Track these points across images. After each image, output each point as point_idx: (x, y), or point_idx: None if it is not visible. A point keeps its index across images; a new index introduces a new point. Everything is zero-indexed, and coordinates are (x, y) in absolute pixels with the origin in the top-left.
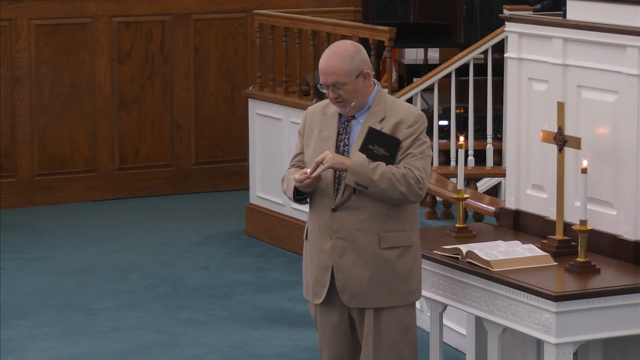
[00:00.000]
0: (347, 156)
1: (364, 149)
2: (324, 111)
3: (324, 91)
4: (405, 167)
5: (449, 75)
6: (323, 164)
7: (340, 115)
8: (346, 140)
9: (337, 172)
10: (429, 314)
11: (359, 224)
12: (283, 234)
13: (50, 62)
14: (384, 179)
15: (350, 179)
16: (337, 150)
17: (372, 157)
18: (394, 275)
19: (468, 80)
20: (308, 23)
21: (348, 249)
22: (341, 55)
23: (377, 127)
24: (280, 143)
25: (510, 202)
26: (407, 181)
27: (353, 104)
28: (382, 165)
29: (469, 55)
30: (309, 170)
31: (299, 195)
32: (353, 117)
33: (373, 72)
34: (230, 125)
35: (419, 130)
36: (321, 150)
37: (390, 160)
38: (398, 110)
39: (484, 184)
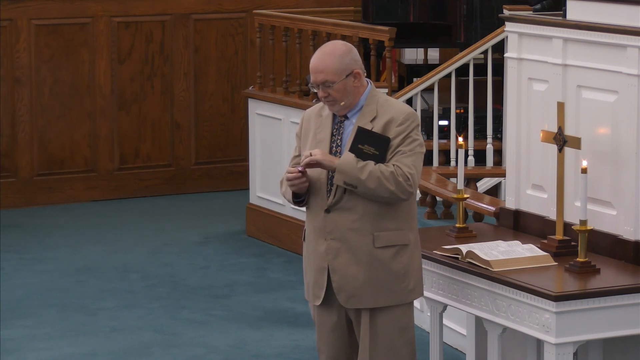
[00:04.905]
0: (339, 157)
1: (353, 148)
2: (319, 113)
3: (315, 90)
4: (394, 165)
5: (449, 75)
6: (312, 156)
7: (334, 116)
8: (339, 141)
9: (330, 172)
10: (429, 314)
11: (351, 224)
12: (283, 234)
13: (50, 62)
14: (372, 178)
15: (338, 178)
16: (330, 151)
17: (362, 156)
18: (389, 275)
19: (468, 80)
20: (308, 23)
21: (342, 250)
22: (331, 54)
23: (368, 126)
24: (280, 143)
25: (510, 202)
26: (395, 179)
27: (342, 103)
28: (370, 164)
29: (469, 55)
30: (295, 169)
31: (297, 198)
32: (346, 117)
33: (365, 72)
34: (230, 125)
35: (409, 129)
36: None
37: (381, 159)
38: (389, 109)
39: (484, 184)
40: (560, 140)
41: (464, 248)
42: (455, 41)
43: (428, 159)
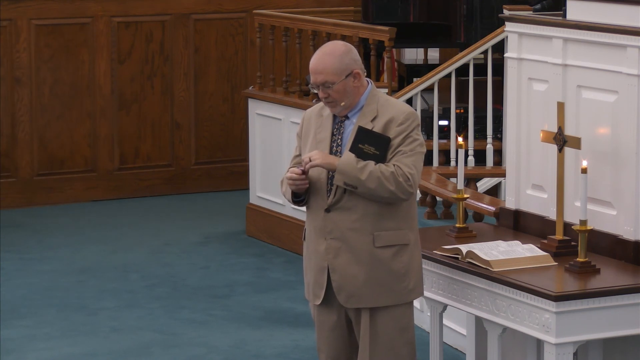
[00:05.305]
0: (339, 157)
1: (354, 148)
2: (320, 113)
3: (315, 91)
4: (394, 165)
5: (449, 75)
6: (311, 161)
7: (334, 116)
8: (339, 140)
9: (330, 172)
10: (429, 314)
11: (351, 223)
12: (283, 234)
13: (50, 62)
14: (372, 178)
15: (338, 179)
16: (330, 151)
17: (363, 156)
18: (389, 275)
19: (468, 80)
20: (308, 23)
21: (343, 250)
22: (331, 55)
23: (369, 126)
24: (280, 143)
25: (510, 202)
26: (395, 179)
27: (343, 103)
28: (370, 164)
29: (469, 55)
30: (297, 169)
31: (297, 198)
32: (346, 117)
33: (365, 72)
34: (230, 125)
35: (409, 128)
36: None
37: (381, 158)
38: (389, 109)
39: (484, 184)
40: (560, 140)
41: (464, 248)
42: (455, 41)
43: (428, 159)
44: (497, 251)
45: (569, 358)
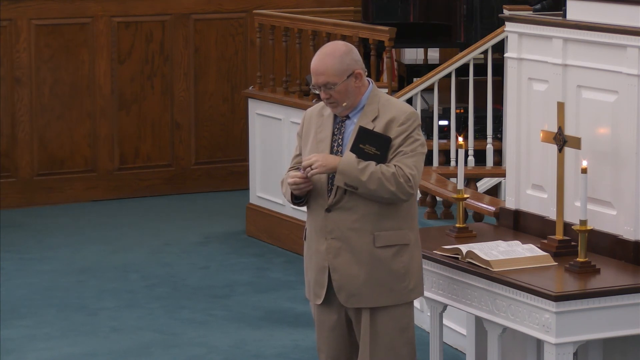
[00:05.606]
0: (340, 156)
1: (355, 148)
2: (320, 113)
3: (316, 92)
4: (395, 165)
5: (449, 75)
6: (312, 168)
7: (335, 116)
8: (340, 140)
9: (331, 173)
10: (429, 314)
11: (352, 223)
12: (283, 234)
13: (50, 62)
14: (372, 179)
15: (339, 179)
16: (331, 150)
17: (364, 156)
18: (389, 274)
19: (468, 80)
20: (308, 23)
21: (343, 249)
22: (332, 56)
23: (370, 126)
24: (280, 143)
25: (510, 202)
26: (396, 180)
27: (345, 104)
28: (371, 165)
29: (469, 55)
30: (299, 173)
31: (297, 199)
32: (347, 117)
33: (366, 72)
34: (230, 125)
35: (410, 128)
36: (316, 152)
37: (382, 158)
38: (390, 109)
39: (484, 184)
40: (560, 140)
41: (464, 248)
42: (455, 41)
43: (428, 159)
44: (497, 251)
45: (569, 358)
